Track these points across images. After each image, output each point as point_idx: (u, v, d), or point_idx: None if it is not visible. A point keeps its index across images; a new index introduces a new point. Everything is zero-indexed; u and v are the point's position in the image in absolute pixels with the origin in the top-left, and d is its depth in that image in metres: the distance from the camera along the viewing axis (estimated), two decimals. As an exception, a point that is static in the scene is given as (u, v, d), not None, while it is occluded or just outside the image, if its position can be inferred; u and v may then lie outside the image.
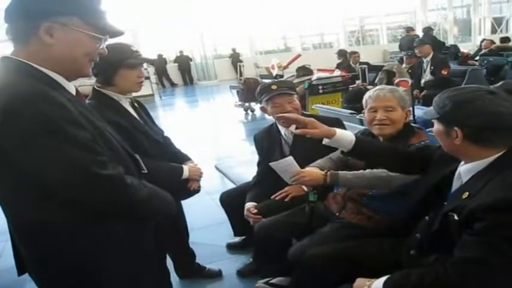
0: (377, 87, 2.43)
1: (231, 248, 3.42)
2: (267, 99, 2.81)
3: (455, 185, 1.68)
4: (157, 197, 1.51)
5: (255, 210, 2.73)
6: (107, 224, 1.36)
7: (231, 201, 3.18)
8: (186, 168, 2.49)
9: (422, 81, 7.10)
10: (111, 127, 1.54)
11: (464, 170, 1.62)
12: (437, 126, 1.63)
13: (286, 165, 2.41)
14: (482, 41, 12.14)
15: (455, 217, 1.51)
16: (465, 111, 1.51)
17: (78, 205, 1.28)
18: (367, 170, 2.20)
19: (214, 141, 7.06)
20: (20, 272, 1.51)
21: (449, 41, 18.21)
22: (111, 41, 1.47)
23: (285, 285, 2.59)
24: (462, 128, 1.51)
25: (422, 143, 2.21)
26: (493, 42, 11.52)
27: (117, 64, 2.21)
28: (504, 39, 12.07)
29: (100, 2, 1.38)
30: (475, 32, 21.72)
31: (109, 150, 1.37)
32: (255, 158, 3.18)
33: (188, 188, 2.50)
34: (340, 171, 2.23)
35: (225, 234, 3.52)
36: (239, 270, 3.02)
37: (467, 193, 1.52)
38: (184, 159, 2.63)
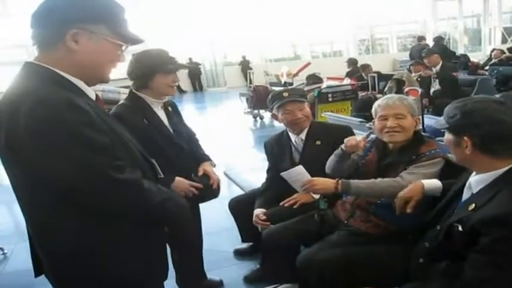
0: (386, 96, 2.45)
1: (239, 254, 3.43)
2: (278, 106, 2.83)
3: (466, 195, 1.69)
4: (172, 202, 1.52)
5: (264, 217, 2.74)
6: (123, 228, 1.37)
7: (240, 208, 3.19)
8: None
9: (432, 90, 7.08)
10: (136, 130, 1.56)
11: (475, 181, 1.63)
12: (448, 136, 1.65)
13: (297, 175, 2.42)
14: (492, 51, 12.10)
15: (460, 228, 1.52)
16: (472, 121, 1.53)
17: (95, 208, 1.30)
18: (379, 179, 2.20)
19: (223, 148, 7.06)
20: (37, 273, 1.53)
21: (459, 51, 18.13)
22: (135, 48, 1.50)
23: (293, 292, 2.58)
24: (471, 137, 1.53)
25: (433, 151, 2.22)
26: (503, 52, 11.48)
27: (155, 69, 2.34)
28: (513, 49, 12.02)
29: (124, 10, 1.40)
30: (485, 41, 21.59)
31: (127, 155, 1.39)
32: (264, 164, 3.20)
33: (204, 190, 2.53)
34: (351, 180, 2.23)
35: (233, 240, 3.52)
36: (246, 276, 3.03)
37: (473, 205, 1.53)
38: (203, 159, 2.69)
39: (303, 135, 2.88)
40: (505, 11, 22.03)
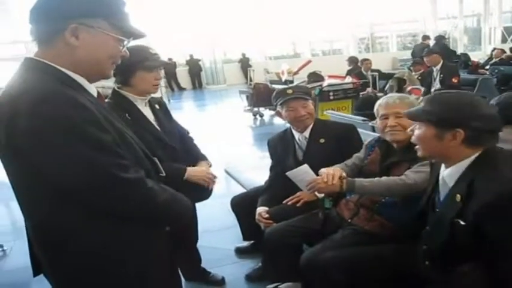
0: (387, 96, 2.44)
1: (240, 252, 3.41)
2: (281, 102, 2.82)
3: (443, 190, 1.69)
4: (176, 202, 1.51)
5: (267, 215, 2.72)
6: (125, 227, 1.35)
7: (242, 206, 3.17)
8: (189, 169, 2.44)
9: (433, 89, 7.06)
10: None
11: (448, 175, 1.64)
12: (426, 130, 1.63)
13: (302, 174, 2.40)
14: (493, 50, 12.10)
15: (461, 222, 1.51)
16: (470, 114, 1.55)
17: (98, 207, 1.28)
18: (383, 178, 2.18)
19: (222, 145, 7.05)
20: (36, 272, 1.51)
21: (459, 50, 18.13)
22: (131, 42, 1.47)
23: (295, 291, 2.57)
24: (465, 130, 1.54)
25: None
26: (503, 51, 11.48)
27: (135, 65, 2.25)
28: (514, 49, 12.03)
29: (125, 4, 1.37)
30: (485, 41, 21.62)
31: (130, 153, 1.36)
32: (265, 162, 3.19)
33: (197, 190, 2.46)
34: (356, 179, 2.21)
35: (234, 238, 3.51)
36: (248, 274, 3.01)
37: (459, 196, 1.54)
38: (199, 158, 2.63)
39: (306, 133, 2.86)
40: (505, 11, 22.04)
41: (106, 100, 2.25)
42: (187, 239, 2.78)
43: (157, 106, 2.50)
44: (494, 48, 12.42)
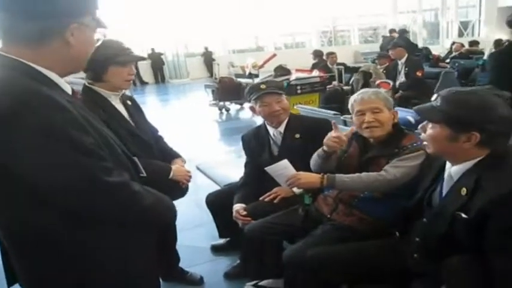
0: (360, 91, 2.42)
1: (216, 249, 3.37)
2: (255, 98, 2.78)
3: (447, 185, 1.70)
4: (161, 204, 1.47)
5: (245, 212, 2.69)
6: (107, 231, 1.29)
7: (217, 203, 3.13)
8: (173, 168, 2.43)
9: (397, 82, 7.18)
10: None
11: (456, 171, 1.64)
12: (439, 130, 1.61)
13: (282, 169, 2.37)
14: (452, 44, 12.44)
15: (463, 216, 1.51)
16: (487, 116, 1.52)
17: (80, 213, 1.22)
18: (363, 173, 2.18)
19: (189, 141, 6.95)
20: (10, 282, 1.44)
21: (419, 44, 18.59)
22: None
23: (275, 288, 2.56)
24: (481, 133, 1.52)
25: (415, 144, 2.21)
26: (463, 45, 11.82)
27: (108, 61, 2.19)
28: (473, 43, 12.40)
29: None
30: (443, 35, 22.27)
31: (111, 154, 1.30)
32: (235, 157, 3.15)
33: (176, 188, 2.42)
34: (336, 175, 2.20)
35: (208, 235, 3.47)
36: (226, 272, 2.98)
37: (465, 189, 1.54)
38: (174, 156, 2.59)
39: (281, 129, 2.84)
40: (461, 6, 22.74)
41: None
42: (167, 239, 2.72)
43: (129, 102, 2.43)
44: (454, 42, 12.77)
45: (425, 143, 1.73)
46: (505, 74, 3.40)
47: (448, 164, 1.70)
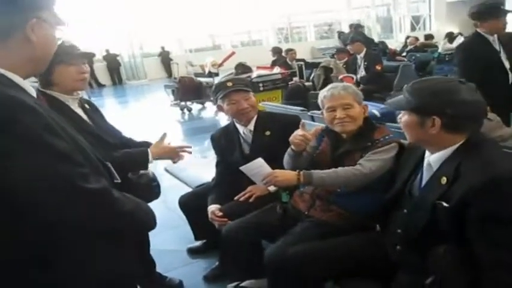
0: (330, 86, 2.41)
1: (192, 252, 3.32)
2: (222, 96, 2.76)
3: (427, 174, 1.73)
4: (141, 210, 1.40)
5: (220, 213, 2.65)
6: (87, 241, 1.22)
7: (190, 205, 3.08)
8: (151, 149, 2.37)
9: (358, 76, 7.31)
10: None
11: (434, 159, 1.68)
12: (408, 118, 1.68)
13: (257, 167, 2.35)
14: (407, 38, 12.79)
15: (444, 204, 1.54)
16: (445, 100, 1.57)
17: (57, 222, 1.12)
18: (339, 168, 2.18)
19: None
20: None
21: (374, 38, 19.01)
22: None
23: (257, 288, 2.54)
24: (441, 117, 1.57)
25: (387, 137, 2.24)
26: (417, 39, 12.18)
27: (52, 61, 2.06)
28: (428, 37, 12.82)
29: None
30: (396, 29, 22.84)
31: (85, 159, 1.22)
32: (202, 158, 3.11)
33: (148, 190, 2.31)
34: (313, 171, 2.19)
35: (182, 238, 3.42)
36: (205, 275, 2.94)
37: (445, 178, 1.57)
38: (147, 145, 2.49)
39: (251, 126, 2.82)
40: (412, 0, 23.37)
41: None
42: (142, 244, 2.65)
43: (87, 106, 2.33)
44: (408, 36, 13.14)
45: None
46: (472, 67, 3.49)
47: (427, 153, 1.74)
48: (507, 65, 3.67)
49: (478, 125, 1.65)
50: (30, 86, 1.23)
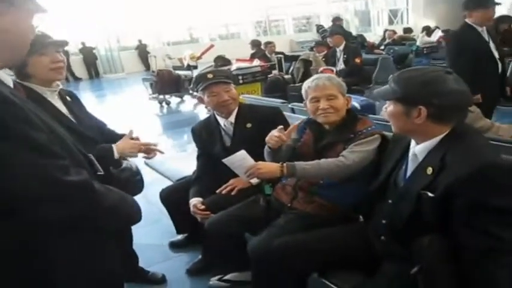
0: (314, 77, 2.40)
1: (174, 246, 3.29)
2: (203, 88, 2.74)
3: (412, 165, 1.73)
4: (124, 202, 1.38)
5: (203, 206, 2.62)
6: (70, 236, 1.19)
7: (172, 198, 3.05)
8: (114, 146, 2.24)
9: (337, 69, 7.33)
10: None
11: (420, 150, 1.68)
12: (394, 108, 1.68)
13: (240, 160, 2.33)
14: (385, 31, 12.91)
15: (429, 194, 1.54)
16: (431, 91, 1.57)
17: (37, 217, 1.09)
18: (322, 160, 2.18)
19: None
20: None
21: (352, 32, 19.11)
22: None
23: (240, 281, 2.53)
24: (427, 107, 1.57)
25: (369, 129, 2.24)
26: (395, 32, 12.32)
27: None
28: (407, 30, 12.97)
29: None
30: (374, 22, 23.02)
31: (66, 152, 1.19)
32: (183, 150, 3.09)
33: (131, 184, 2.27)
34: (296, 163, 2.18)
35: (164, 232, 3.39)
36: (188, 269, 2.91)
37: (431, 168, 1.58)
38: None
39: (232, 119, 2.80)
40: (389, -6, 23.61)
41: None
42: (124, 238, 2.62)
43: (68, 98, 2.28)
44: (386, 30, 13.26)
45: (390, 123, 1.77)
46: (463, 57, 3.53)
47: (412, 143, 1.74)
48: (496, 55, 3.76)
49: (463, 115, 1.67)
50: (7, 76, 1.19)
